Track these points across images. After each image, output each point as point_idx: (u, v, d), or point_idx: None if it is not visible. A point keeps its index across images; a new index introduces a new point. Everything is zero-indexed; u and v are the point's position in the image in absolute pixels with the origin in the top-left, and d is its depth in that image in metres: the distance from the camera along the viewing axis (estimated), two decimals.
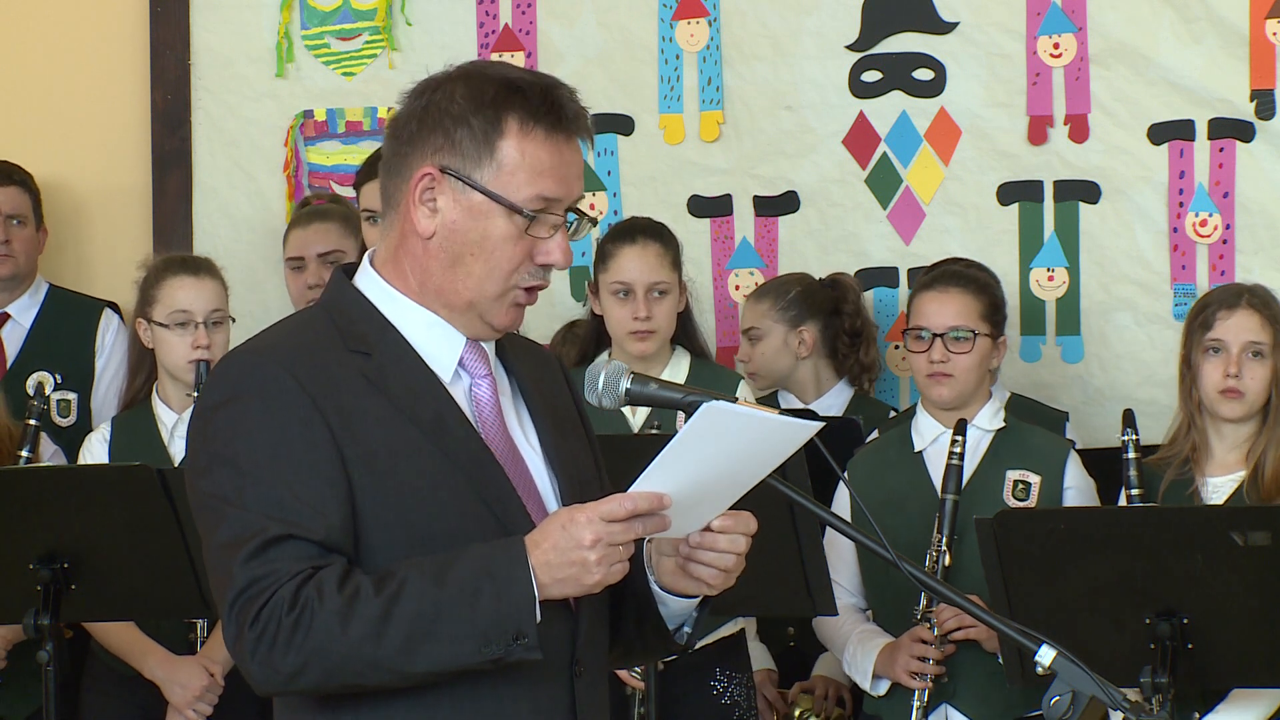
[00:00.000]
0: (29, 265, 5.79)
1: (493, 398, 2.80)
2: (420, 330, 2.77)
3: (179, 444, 4.90)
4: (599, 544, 2.57)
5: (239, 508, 2.64)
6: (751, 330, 5.45)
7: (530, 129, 2.72)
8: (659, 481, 2.58)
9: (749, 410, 2.57)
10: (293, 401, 2.66)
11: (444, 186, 2.74)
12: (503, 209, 2.71)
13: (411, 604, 2.58)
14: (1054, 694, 2.61)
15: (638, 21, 5.90)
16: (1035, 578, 4.06)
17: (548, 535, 2.60)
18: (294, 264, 5.57)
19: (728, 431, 2.56)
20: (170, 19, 6.14)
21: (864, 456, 4.80)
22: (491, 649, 2.58)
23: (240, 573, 2.61)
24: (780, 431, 2.61)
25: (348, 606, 2.58)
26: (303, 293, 5.51)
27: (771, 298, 5.46)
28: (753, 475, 2.66)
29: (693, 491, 2.60)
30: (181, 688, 4.82)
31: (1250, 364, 4.54)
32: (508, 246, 2.72)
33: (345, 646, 2.58)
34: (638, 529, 2.59)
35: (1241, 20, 5.51)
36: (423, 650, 2.58)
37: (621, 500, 2.58)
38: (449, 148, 2.73)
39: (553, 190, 2.72)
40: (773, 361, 5.43)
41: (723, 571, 2.70)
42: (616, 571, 2.60)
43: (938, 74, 5.72)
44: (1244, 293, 4.62)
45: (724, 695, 4.93)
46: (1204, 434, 4.59)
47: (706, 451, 2.57)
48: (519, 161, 2.71)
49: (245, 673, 2.65)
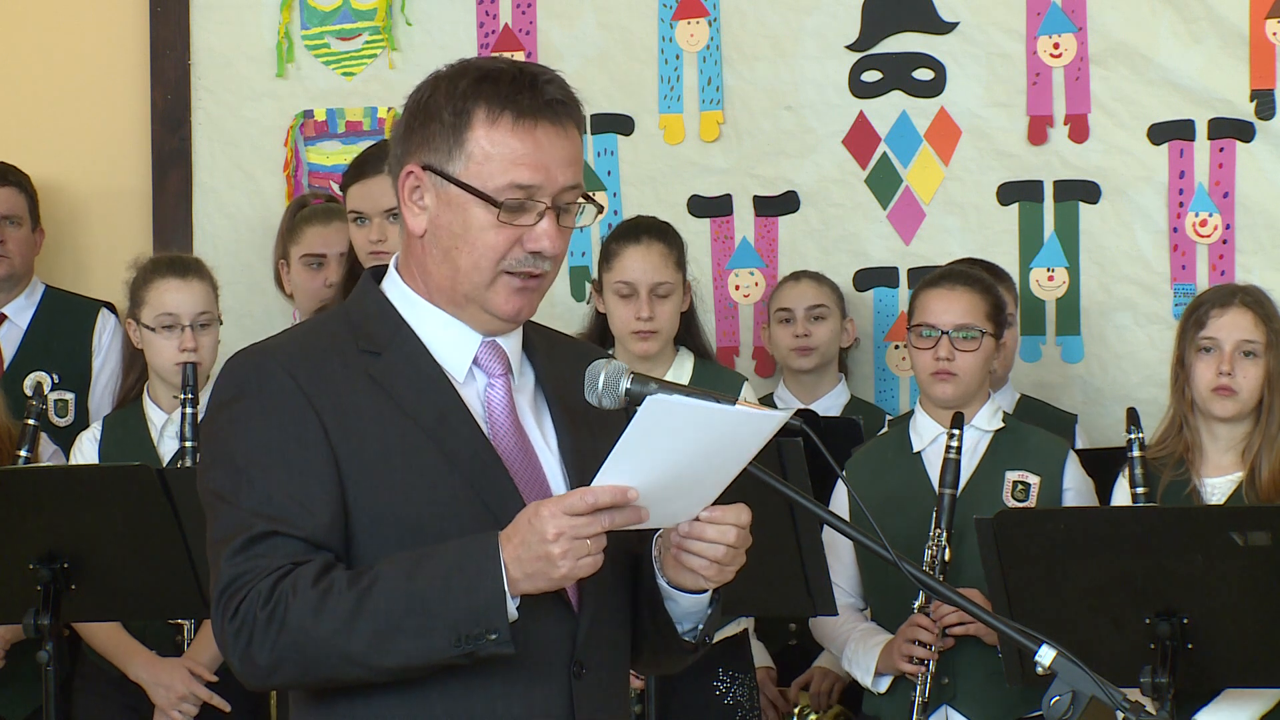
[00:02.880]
0: (25, 266, 5.79)
1: (506, 398, 2.79)
2: (435, 331, 2.78)
3: (169, 444, 4.92)
4: (562, 538, 2.56)
5: (232, 505, 2.67)
6: (820, 308, 5.46)
7: (498, 117, 2.71)
8: (618, 475, 2.57)
9: (693, 401, 2.55)
10: (288, 400, 2.68)
11: (427, 183, 2.75)
12: (477, 200, 2.71)
13: (383, 598, 2.59)
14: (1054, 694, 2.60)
15: (638, 21, 5.90)
16: (1035, 578, 4.06)
17: (517, 530, 2.60)
18: (311, 261, 5.44)
19: (681, 423, 2.55)
20: (170, 19, 6.14)
21: (862, 456, 4.80)
22: (462, 643, 2.58)
23: (226, 568, 2.64)
24: (738, 421, 2.60)
25: (320, 601, 2.59)
26: (319, 291, 5.38)
27: (828, 284, 5.53)
28: (730, 465, 2.64)
29: (664, 483, 2.59)
30: (165, 689, 4.83)
31: (1243, 363, 4.55)
32: (489, 236, 2.72)
33: (317, 641, 2.59)
34: (604, 521, 2.58)
35: (1241, 20, 5.51)
36: (393, 645, 2.59)
37: (582, 494, 2.57)
38: (426, 145, 2.74)
39: (528, 178, 2.71)
40: (830, 344, 5.49)
41: (713, 562, 2.69)
42: (585, 565, 2.59)
43: (938, 74, 5.72)
44: (1237, 292, 4.63)
45: (727, 695, 4.93)
46: (1197, 434, 4.60)
47: (663, 443, 2.56)
48: (488, 151, 2.71)
49: (230, 667, 2.68)
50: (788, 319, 5.48)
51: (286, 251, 5.52)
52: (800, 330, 5.46)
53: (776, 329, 5.51)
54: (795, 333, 5.46)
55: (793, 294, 5.51)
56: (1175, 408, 4.63)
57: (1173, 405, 4.65)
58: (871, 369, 5.78)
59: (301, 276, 5.47)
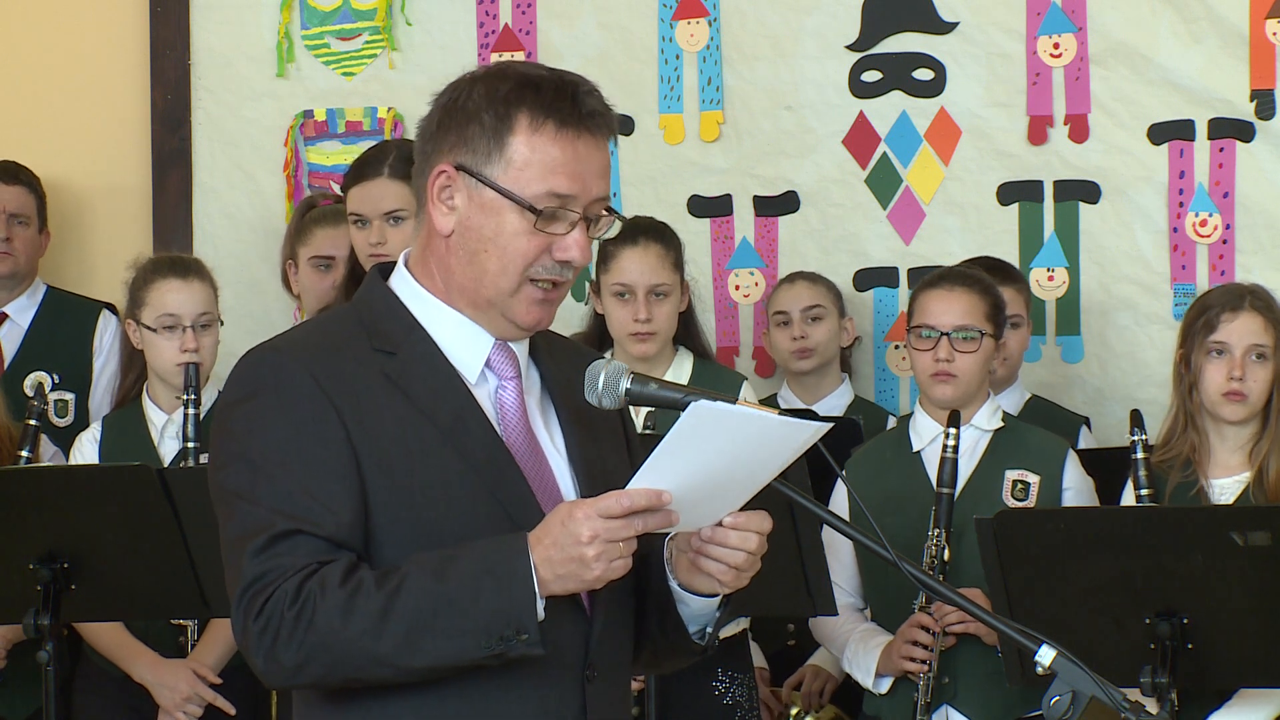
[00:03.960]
0: (29, 266, 5.79)
1: (518, 400, 2.79)
2: (448, 330, 2.78)
3: (169, 444, 4.92)
4: (596, 540, 2.56)
5: (251, 503, 2.65)
6: (816, 308, 5.46)
7: (540, 124, 2.71)
8: (655, 479, 2.58)
9: (738, 409, 2.57)
10: (308, 399, 2.67)
11: (459, 184, 2.74)
12: (514, 205, 2.71)
13: (412, 599, 2.58)
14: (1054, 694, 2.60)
15: (638, 21, 5.90)
16: (1035, 578, 4.06)
17: (549, 531, 2.60)
18: (320, 263, 5.41)
19: (720, 430, 2.56)
20: (170, 19, 6.14)
21: (862, 457, 4.80)
22: (493, 644, 2.58)
23: (248, 567, 2.63)
24: (777, 430, 2.61)
25: (349, 601, 2.58)
26: (327, 292, 5.34)
27: (824, 283, 5.52)
28: (761, 473, 2.65)
29: (697, 489, 2.60)
30: (170, 690, 4.83)
31: (1253, 366, 4.53)
32: (520, 241, 2.72)
33: (346, 641, 2.58)
34: (637, 525, 2.58)
35: (1241, 20, 5.51)
36: (423, 645, 2.58)
37: (618, 497, 2.57)
38: (462, 145, 2.73)
39: (565, 187, 2.71)
40: (829, 344, 5.48)
41: (733, 569, 2.70)
42: (617, 568, 2.59)
43: (938, 74, 5.72)
44: (1246, 294, 4.60)
45: (725, 695, 4.93)
46: (1204, 435, 4.58)
47: (702, 449, 2.57)
48: (529, 157, 2.71)
49: (252, 666, 2.66)
50: (785, 321, 5.48)
51: (295, 252, 5.50)
52: (798, 332, 5.45)
53: (775, 332, 5.51)
54: (793, 335, 5.46)
55: (788, 296, 5.51)
56: (1180, 408, 4.61)
57: (1176, 406, 4.63)
58: (872, 369, 5.79)
59: (310, 278, 5.45)
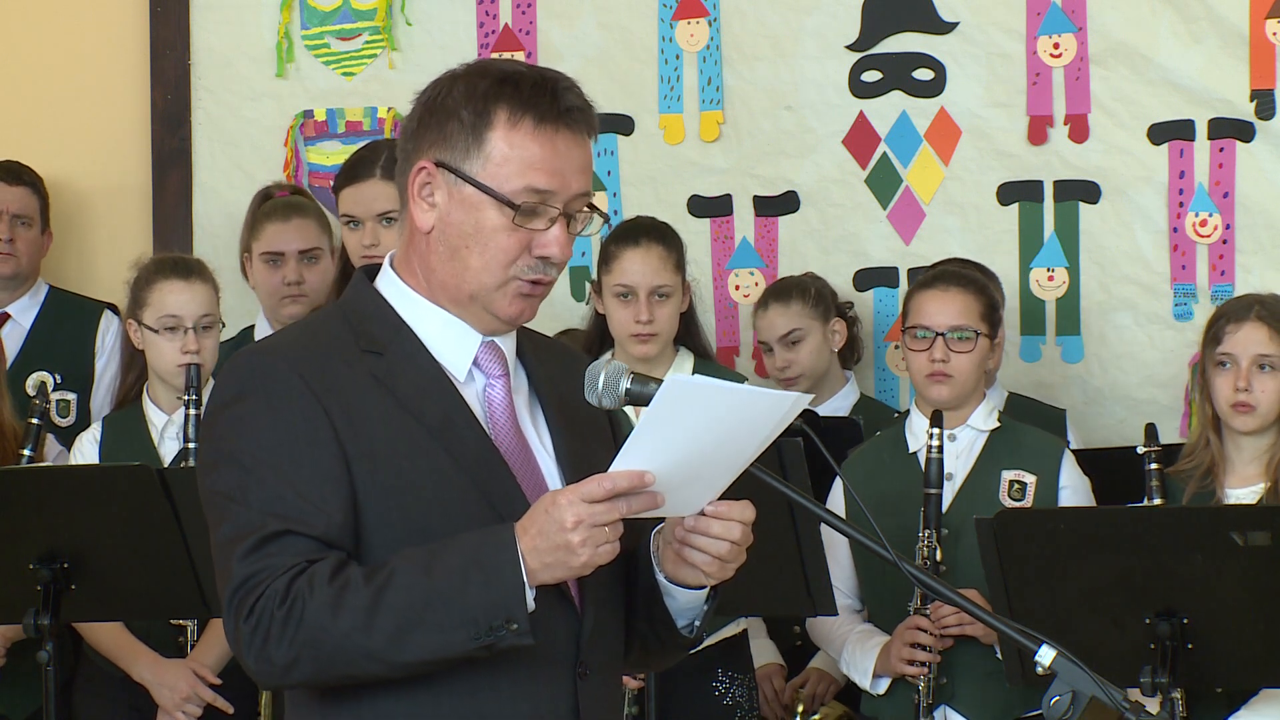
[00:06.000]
0: (31, 266, 5.80)
1: (506, 399, 2.80)
2: (435, 329, 2.78)
3: (169, 444, 4.92)
4: (581, 525, 2.56)
5: (241, 505, 2.65)
6: (793, 333, 5.40)
7: (519, 120, 2.71)
8: (636, 459, 2.57)
9: (714, 382, 2.56)
10: (297, 400, 2.67)
11: (439, 181, 2.74)
12: (493, 201, 2.71)
13: (401, 593, 2.58)
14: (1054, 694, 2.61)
15: (638, 21, 5.90)
16: (1035, 578, 4.06)
17: (534, 520, 2.60)
18: (269, 258, 5.43)
19: (698, 405, 2.55)
20: (170, 19, 6.14)
21: (858, 458, 4.79)
22: (482, 635, 2.58)
23: (238, 568, 2.63)
24: (756, 403, 2.60)
25: (337, 597, 2.58)
26: (278, 289, 5.40)
27: (799, 298, 5.45)
28: (745, 450, 2.64)
29: (679, 468, 2.59)
30: (170, 690, 4.83)
31: (1260, 377, 4.52)
32: (500, 237, 2.72)
33: (336, 637, 2.58)
34: (621, 508, 2.58)
35: (1241, 20, 5.51)
36: (413, 639, 2.58)
37: (600, 480, 2.57)
38: (442, 142, 2.74)
39: (544, 183, 2.71)
40: (817, 361, 5.42)
41: (717, 559, 2.69)
42: (604, 553, 2.59)
43: (938, 74, 5.72)
44: (1254, 305, 4.58)
45: (725, 696, 4.93)
46: (1221, 446, 4.57)
47: (681, 427, 2.56)
48: (507, 153, 2.71)
49: (244, 666, 2.66)
50: (768, 350, 5.47)
51: (249, 246, 5.52)
52: (780, 362, 5.43)
53: (765, 356, 5.50)
54: (777, 364, 5.44)
55: (764, 324, 5.47)
56: (1200, 420, 4.62)
57: (1199, 417, 4.63)
58: (872, 369, 5.78)
59: (261, 273, 5.47)
